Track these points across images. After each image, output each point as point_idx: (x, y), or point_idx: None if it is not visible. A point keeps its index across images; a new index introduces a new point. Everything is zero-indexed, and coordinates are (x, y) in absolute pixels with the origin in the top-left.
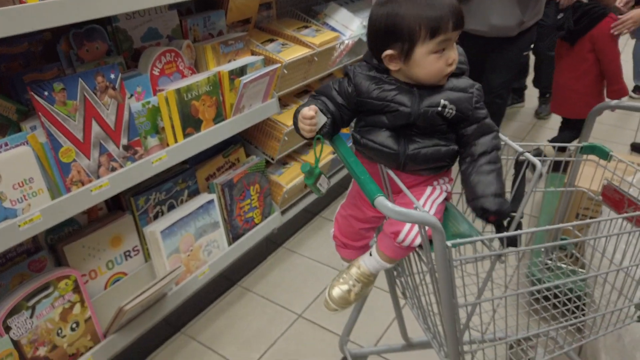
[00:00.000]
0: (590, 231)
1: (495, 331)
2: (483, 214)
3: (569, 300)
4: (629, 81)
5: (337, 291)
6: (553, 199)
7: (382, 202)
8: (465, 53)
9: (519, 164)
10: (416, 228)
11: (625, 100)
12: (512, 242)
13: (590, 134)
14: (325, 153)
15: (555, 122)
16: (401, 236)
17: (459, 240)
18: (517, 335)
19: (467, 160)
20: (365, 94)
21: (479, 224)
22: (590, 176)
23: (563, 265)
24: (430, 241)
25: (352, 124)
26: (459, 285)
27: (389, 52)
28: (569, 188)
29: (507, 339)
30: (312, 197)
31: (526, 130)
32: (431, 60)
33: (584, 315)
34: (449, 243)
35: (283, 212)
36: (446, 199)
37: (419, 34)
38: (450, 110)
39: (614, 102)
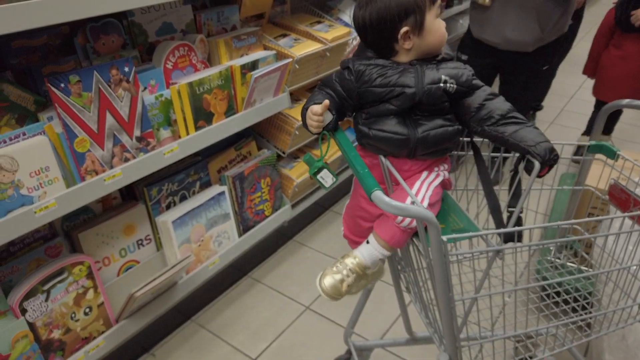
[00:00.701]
0: (598, 230)
1: (495, 327)
2: (551, 152)
3: (574, 298)
4: None
5: (329, 280)
6: (564, 197)
7: (379, 196)
8: (478, 60)
9: (518, 161)
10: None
11: None
12: (510, 238)
13: (600, 132)
14: (336, 149)
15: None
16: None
17: (454, 236)
18: (516, 331)
19: (492, 122)
20: (368, 82)
21: (482, 219)
22: (601, 175)
23: (570, 264)
24: None
25: (358, 120)
26: (460, 281)
27: (404, 29)
28: (577, 187)
29: (507, 335)
30: (323, 191)
31: None
32: (438, 24)
33: (589, 314)
34: (444, 238)
35: (294, 206)
36: (444, 187)
37: (424, 3)
38: (452, 85)
39: (626, 101)
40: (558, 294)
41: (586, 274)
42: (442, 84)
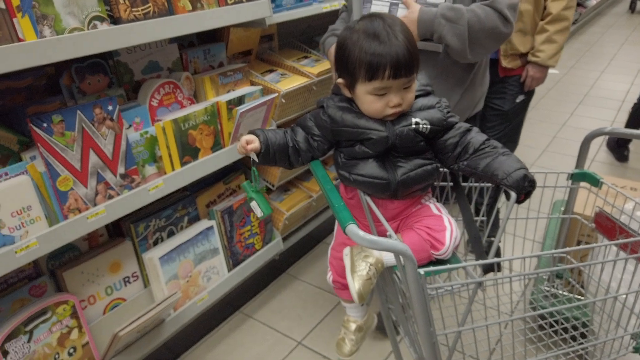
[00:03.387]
0: (588, 259)
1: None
2: (524, 181)
3: (568, 328)
4: None
5: (358, 280)
6: (556, 225)
7: (353, 230)
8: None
9: (495, 191)
10: (454, 241)
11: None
12: (491, 268)
13: (585, 160)
14: None
15: None
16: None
17: (431, 268)
18: None
19: (466, 157)
20: (340, 122)
21: (461, 249)
22: (586, 203)
23: (563, 293)
24: None
25: (338, 161)
26: (442, 315)
27: (340, 80)
28: (564, 215)
29: None
30: (314, 224)
31: None
32: (370, 100)
33: (580, 344)
34: (421, 271)
35: (285, 239)
36: None
37: (359, 74)
38: (425, 125)
39: (609, 128)
40: (556, 323)
41: (576, 304)
42: (414, 126)
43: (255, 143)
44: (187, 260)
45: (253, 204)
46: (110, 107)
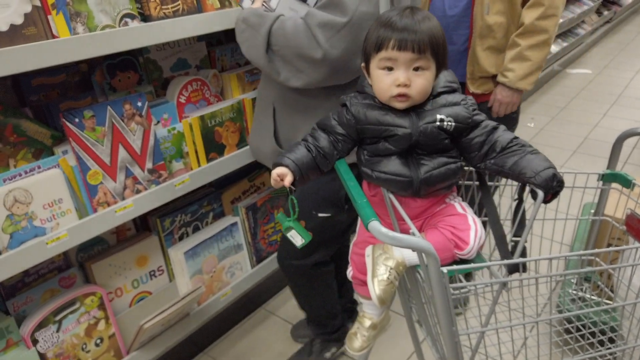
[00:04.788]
0: (618, 262)
1: None
2: (552, 180)
3: (593, 333)
4: None
5: (378, 285)
6: (586, 227)
7: (376, 226)
8: None
9: (521, 190)
10: (478, 241)
11: None
12: (515, 269)
13: (617, 161)
14: None
15: None
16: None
17: (455, 267)
18: None
19: (493, 156)
20: (364, 120)
21: (485, 249)
22: (617, 205)
23: (591, 297)
24: None
25: (361, 159)
26: (465, 316)
27: (362, 64)
28: (594, 217)
29: None
30: None
31: None
32: (379, 76)
33: (607, 349)
34: (444, 270)
35: None
36: None
37: (370, 47)
38: (450, 123)
39: None
40: (583, 327)
41: (605, 307)
42: (438, 123)
43: (288, 176)
44: (212, 255)
45: (292, 233)
46: (139, 104)
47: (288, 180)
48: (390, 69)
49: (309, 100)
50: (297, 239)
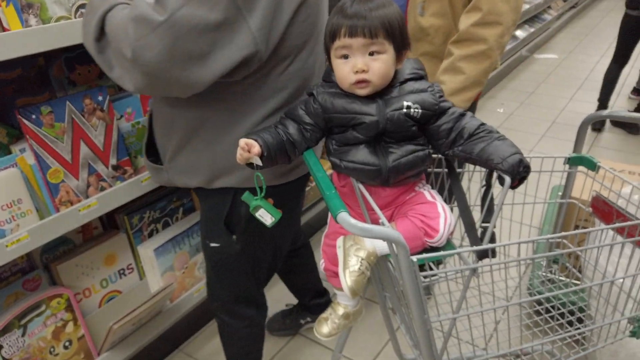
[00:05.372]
0: (585, 244)
1: (490, 344)
2: (519, 166)
3: (566, 313)
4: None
5: (349, 276)
6: (554, 210)
7: (345, 217)
8: None
9: (489, 176)
10: (448, 228)
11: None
12: (485, 254)
13: (582, 144)
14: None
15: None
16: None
17: (424, 256)
18: (511, 348)
19: (461, 142)
20: (331, 109)
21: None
22: (583, 187)
23: (560, 278)
24: None
25: (329, 148)
26: (436, 301)
27: (326, 56)
28: (561, 200)
29: (500, 353)
30: (314, 212)
31: None
32: (338, 64)
33: (577, 329)
34: (414, 258)
35: None
36: None
37: (327, 37)
38: (417, 110)
39: (606, 112)
40: (552, 308)
41: (573, 289)
42: (405, 110)
43: (256, 147)
44: (183, 251)
45: (261, 212)
46: (100, 98)
47: (254, 151)
48: (346, 56)
49: (172, 110)
50: (267, 217)
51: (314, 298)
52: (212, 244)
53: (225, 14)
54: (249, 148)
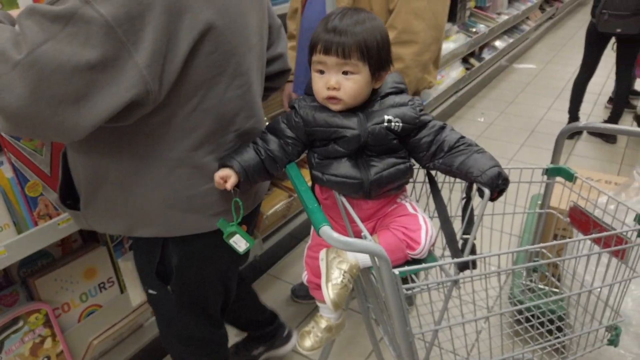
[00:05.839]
0: (564, 253)
1: (473, 354)
2: (497, 178)
3: (546, 322)
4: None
5: (332, 289)
6: (534, 220)
7: (327, 231)
8: None
9: (469, 189)
10: (429, 240)
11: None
12: (466, 266)
13: (560, 155)
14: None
15: None
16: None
17: (406, 268)
18: (492, 358)
19: (441, 155)
20: (313, 122)
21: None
22: (561, 197)
23: (540, 287)
24: None
25: (311, 162)
26: (418, 313)
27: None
28: (540, 210)
29: None
30: (296, 223)
31: None
32: (314, 77)
33: (557, 338)
34: (395, 271)
35: (265, 239)
36: None
37: (309, 48)
38: (397, 123)
39: (582, 123)
40: (533, 317)
41: (552, 298)
42: (385, 124)
43: (232, 177)
44: None
45: (236, 238)
46: None
47: (231, 182)
48: (322, 71)
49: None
50: (242, 243)
51: (260, 328)
52: (150, 291)
53: (104, 50)
54: (225, 180)
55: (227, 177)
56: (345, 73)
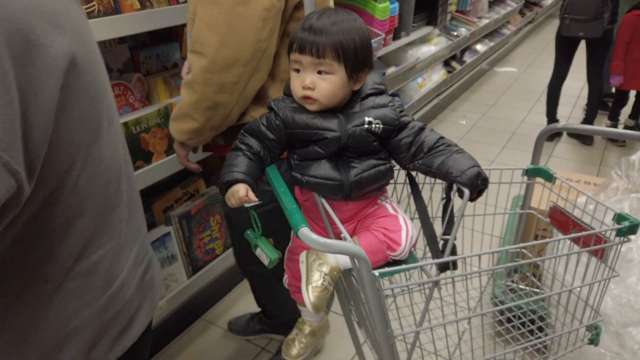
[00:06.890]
0: (544, 253)
1: (455, 355)
2: (477, 178)
3: (528, 322)
4: None
5: (312, 292)
6: (515, 220)
7: (306, 232)
8: None
9: (448, 189)
10: (410, 241)
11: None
12: (446, 267)
13: (540, 156)
14: None
15: None
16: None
17: (386, 270)
18: None
19: (421, 156)
20: (293, 124)
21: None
22: (541, 198)
23: (522, 287)
24: None
25: (291, 163)
26: (399, 314)
27: None
28: (521, 210)
29: None
30: None
31: None
32: (292, 76)
33: (538, 338)
34: (376, 272)
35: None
36: None
37: (288, 46)
38: (378, 125)
39: (561, 125)
40: (514, 317)
41: (533, 298)
42: (366, 126)
43: (249, 191)
44: None
45: (258, 252)
46: None
47: (251, 194)
48: (298, 70)
49: None
50: (263, 257)
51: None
52: None
53: None
54: (247, 197)
55: (244, 192)
56: (320, 72)
